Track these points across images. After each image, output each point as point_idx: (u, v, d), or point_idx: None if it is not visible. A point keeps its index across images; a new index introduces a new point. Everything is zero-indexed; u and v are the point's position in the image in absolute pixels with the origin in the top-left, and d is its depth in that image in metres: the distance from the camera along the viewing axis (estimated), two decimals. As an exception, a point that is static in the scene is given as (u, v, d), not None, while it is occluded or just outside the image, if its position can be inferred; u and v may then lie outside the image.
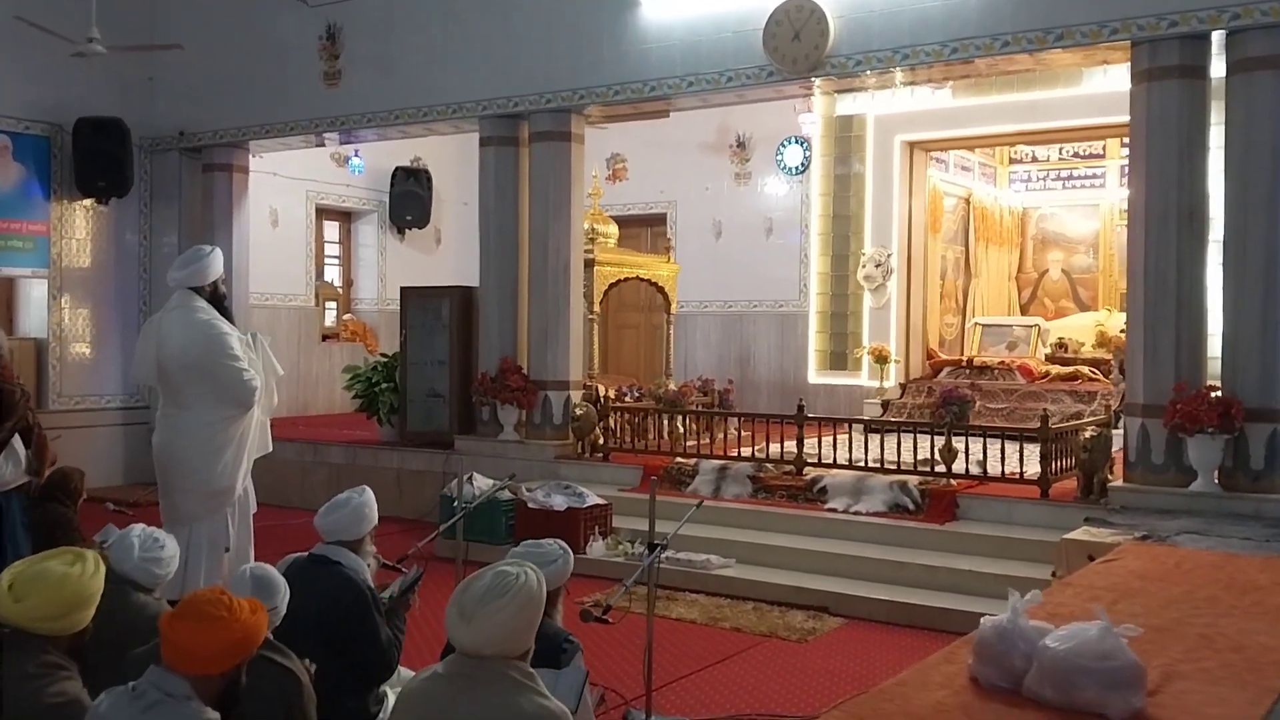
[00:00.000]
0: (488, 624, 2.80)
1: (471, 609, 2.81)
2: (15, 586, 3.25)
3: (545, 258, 9.83)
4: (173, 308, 5.92)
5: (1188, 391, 7.11)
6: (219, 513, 5.87)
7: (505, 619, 2.83)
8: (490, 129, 10.16)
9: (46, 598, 3.25)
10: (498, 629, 2.82)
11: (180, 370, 5.80)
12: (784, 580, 7.38)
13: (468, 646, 2.83)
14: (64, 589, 3.28)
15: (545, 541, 4.26)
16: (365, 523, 4.87)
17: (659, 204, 14.43)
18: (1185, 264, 7.31)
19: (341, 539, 4.81)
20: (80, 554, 3.44)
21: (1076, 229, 15.11)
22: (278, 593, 3.95)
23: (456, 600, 2.86)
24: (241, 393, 5.79)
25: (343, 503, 4.86)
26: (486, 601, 2.82)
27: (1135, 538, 6.25)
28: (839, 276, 13.27)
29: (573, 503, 8.23)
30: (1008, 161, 15.13)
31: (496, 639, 2.83)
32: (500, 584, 2.87)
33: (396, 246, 15.39)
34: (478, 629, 2.80)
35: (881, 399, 12.41)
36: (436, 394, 10.66)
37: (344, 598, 4.61)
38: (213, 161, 11.95)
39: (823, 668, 6.00)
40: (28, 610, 3.23)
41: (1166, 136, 7.32)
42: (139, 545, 4.33)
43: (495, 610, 2.81)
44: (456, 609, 2.84)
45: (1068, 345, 13.44)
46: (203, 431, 5.80)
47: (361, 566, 4.86)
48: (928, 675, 3.65)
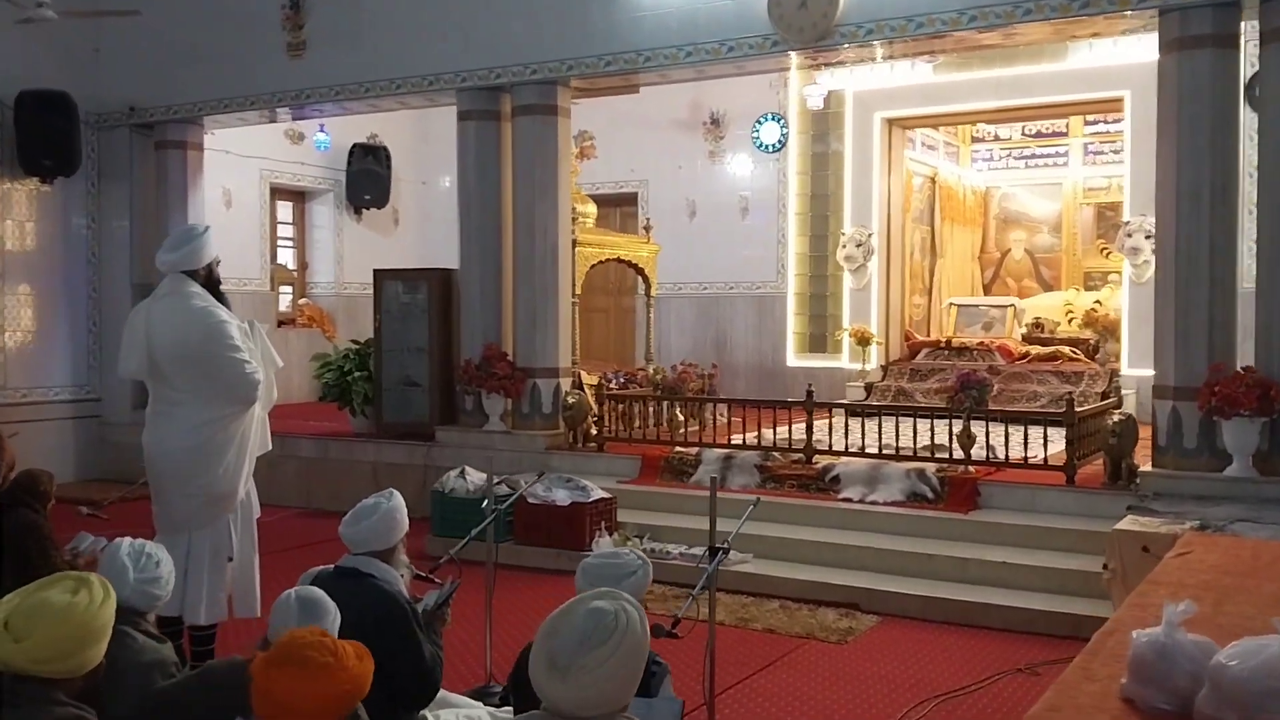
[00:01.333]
0: (588, 678, 2.29)
1: (567, 659, 2.30)
2: (12, 623, 2.75)
3: (532, 239, 9.33)
4: (164, 294, 5.35)
5: (1225, 373, 6.86)
6: (220, 519, 5.33)
7: (609, 672, 2.32)
8: (469, 102, 9.62)
9: (51, 635, 2.76)
10: (602, 684, 2.31)
11: (175, 363, 5.24)
12: (808, 576, 7.01)
13: (564, 707, 2.31)
14: (69, 623, 2.79)
15: (620, 551, 3.82)
16: (397, 529, 4.41)
17: (629, 183, 13.96)
18: (1218, 241, 7.05)
19: (372, 549, 4.36)
20: (83, 579, 2.93)
21: (1039, 208, 14.97)
22: (328, 614, 3.51)
23: (544, 648, 2.34)
24: (244, 388, 5.26)
25: (370, 509, 4.40)
26: (585, 651, 2.30)
27: (1191, 527, 5.97)
28: (817, 257, 12.96)
29: (576, 497, 7.78)
30: (970, 140, 14.92)
31: (600, 697, 2.32)
32: (598, 627, 2.34)
33: (353, 228, 14.76)
34: (576, 685, 2.29)
35: (864, 382, 12.13)
36: (413, 383, 10.13)
37: (381, 614, 4.14)
38: (166, 138, 11.25)
39: (876, 673, 5.63)
40: (30, 651, 2.73)
41: (1198, 109, 7.03)
42: (132, 566, 3.81)
43: (597, 662, 2.30)
44: (545, 659, 2.33)
45: (1044, 325, 13.28)
46: (201, 431, 5.25)
47: (395, 578, 4.40)
48: (1075, 698, 3.28)
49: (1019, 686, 5.44)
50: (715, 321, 13.51)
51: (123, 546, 3.90)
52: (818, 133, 12.86)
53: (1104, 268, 14.22)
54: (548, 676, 2.30)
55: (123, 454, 11.35)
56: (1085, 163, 14.60)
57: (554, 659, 2.30)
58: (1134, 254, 11.27)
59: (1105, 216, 14.50)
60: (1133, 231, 11.27)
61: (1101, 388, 11.21)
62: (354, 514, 4.38)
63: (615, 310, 14.52)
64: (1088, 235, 14.54)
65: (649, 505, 8.35)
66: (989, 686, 5.43)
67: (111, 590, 2.97)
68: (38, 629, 2.75)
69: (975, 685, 5.43)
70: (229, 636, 5.93)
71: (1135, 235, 11.23)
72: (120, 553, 3.85)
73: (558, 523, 7.70)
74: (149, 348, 5.27)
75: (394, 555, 4.42)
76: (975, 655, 5.92)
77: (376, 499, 4.46)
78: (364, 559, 4.33)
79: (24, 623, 2.76)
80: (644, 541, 7.76)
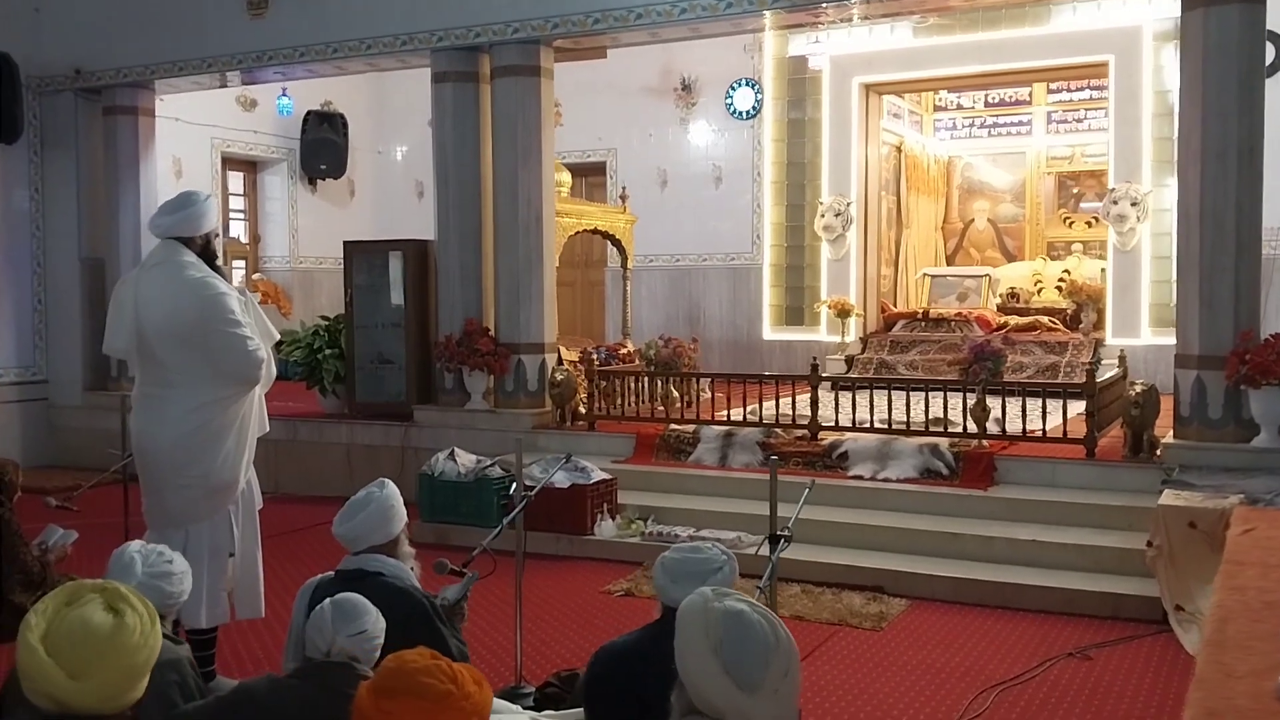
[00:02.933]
0: (789, 699, 2.20)
1: (773, 681, 2.13)
2: (60, 656, 2.19)
3: (514, 208, 8.86)
4: (155, 263, 4.84)
5: (1255, 340, 6.64)
6: (220, 512, 4.86)
7: (798, 684, 2.27)
8: (445, 63, 9.11)
9: (116, 667, 2.23)
10: (794, 701, 2.25)
11: (168, 340, 4.73)
12: (829, 559, 6.67)
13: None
14: (134, 652, 2.26)
15: (701, 546, 3.43)
16: (396, 519, 4.00)
17: (597, 152, 13.51)
18: (1244, 204, 6.81)
19: (372, 544, 3.94)
20: (114, 591, 2.40)
21: (1002, 178, 14.78)
22: (368, 616, 3.12)
23: (737, 672, 2.12)
24: (246, 366, 4.77)
25: (362, 502, 3.97)
26: (789, 670, 2.17)
27: (1238, 501, 5.73)
28: (794, 227, 12.63)
29: (577, 479, 7.37)
30: (933, 109, 14.67)
31: (792, 708, 2.25)
32: (786, 644, 2.18)
33: (308, 199, 14.16)
34: (781, 705, 2.17)
35: (844, 355, 11.85)
36: (387, 360, 9.64)
37: (401, 615, 3.72)
38: (114, 104, 10.57)
39: (922, 661, 5.32)
40: (99, 690, 2.21)
41: (1225, 67, 6.77)
42: (140, 560, 3.43)
43: (795, 680, 2.21)
44: (738, 682, 2.11)
45: (1020, 295, 13.10)
46: (197, 415, 4.75)
47: (405, 571, 3.99)
48: (1229, 699, 2.97)
49: (1074, 672, 5.17)
50: (688, 294, 13.13)
51: (131, 545, 3.52)
52: (794, 99, 12.50)
53: (1067, 237, 14.10)
54: (746, 698, 2.12)
55: (72, 439, 10.75)
56: (1049, 131, 14.41)
57: (744, 682, 2.11)
58: (1119, 221, 11.07)
59: (1065, 186, 14.36)
60: (1118, 199, 11.06)
61: (1087, 358, 11.02)
62: (346, 510, 3.95)
63: (583, 284, 14.08)
64: (1050, 205, 14.39)
65: (648, 485, 7.98)
66: (1044, 674, 5.14)
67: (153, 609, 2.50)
68: (98, 661, 2.21)
69: (1029, 673, 5.14)
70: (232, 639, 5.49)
71: (1121, 202, 11.03)
72: (128, 549, 3.48)
73: (557, 506, 7.28)
74: (138, 322, 4.77)
75: (398, 548, 4.02)
76: (1020, 640, 5.63)
77: (368, 490, 4.04)
78: (366, 557, 3.92)
79: (75, 653, 2.20)
80: (648, 524, 7.40)
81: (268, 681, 3.04)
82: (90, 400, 10.73)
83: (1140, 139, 10.99)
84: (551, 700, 4.58)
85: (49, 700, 2.17)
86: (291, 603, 6.25)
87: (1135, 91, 11.01)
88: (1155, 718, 4.66)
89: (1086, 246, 13.65)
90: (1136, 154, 11.02)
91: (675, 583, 3.26)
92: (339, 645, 2.92)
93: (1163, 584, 5.76)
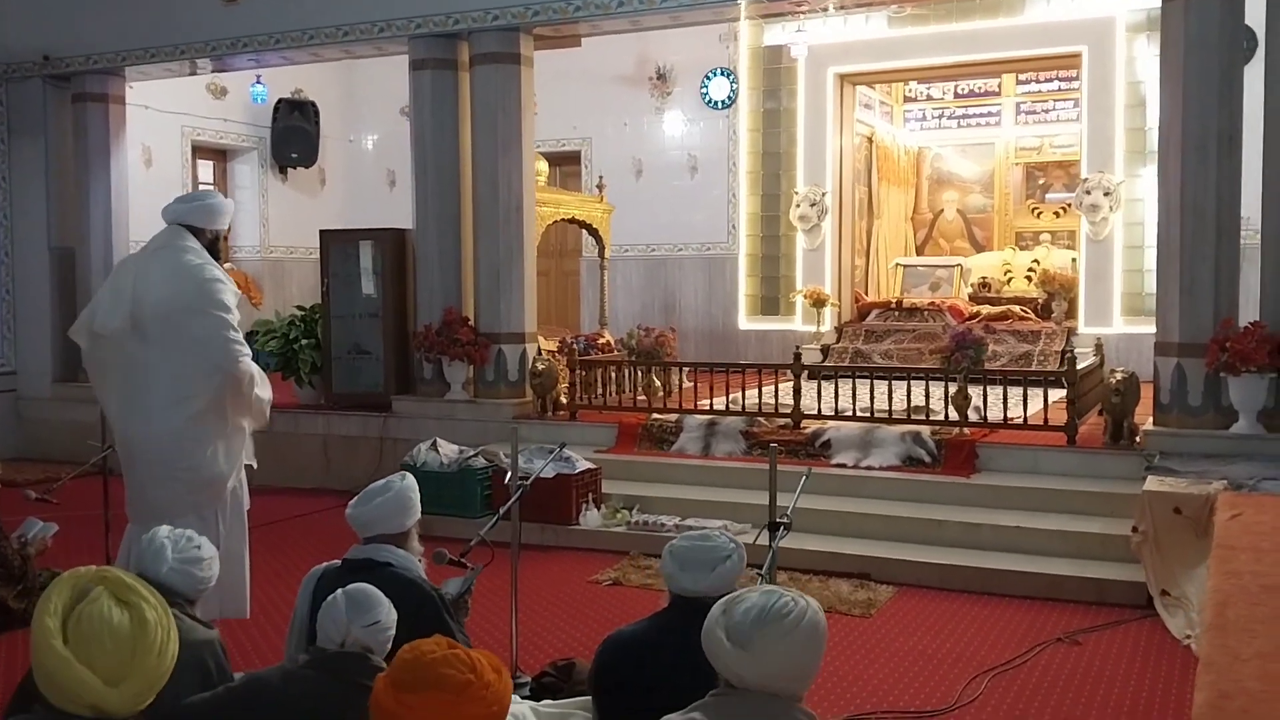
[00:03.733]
0: (772, 652, 2.35)
1: (746, 634, 2.35)
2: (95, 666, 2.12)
3: (495, 196, 8.81)
4: (158, 246, 4.76)
5: (1235, 328, 6.71)
6: (207, 508, 4.78)
7: (793, 647, 2.37)
8: (424, 50, 9.03)
9: (146, 669, 2.17)
10: (787, 657, 2.37)
11: (163, 322, 4.64)
12: (815, 546, 6.67)
13: (750, 678, 2.36)
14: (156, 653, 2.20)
15: (710, 534, 3.41)
16: (412, 511, 4.01)
17: (572, 141, 13.45)
18: (1224, 193, 6.88)
19: (384, 533, 3.92)
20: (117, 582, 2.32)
21: (971, 169, 14.86)
22: (381, 608, 3.10)
23: (719, 626, 2.40)
24: (225, 357, 4.66)
25: (381, 489, 3.96)
26: (764, 624, 2.36)
27: (1222, 487, 5.79)
28: (770, 217, 12.64)
29: (562, 469, 7.34)
30: (903, 100, 14.73)
31: (785, 669, 2.38)
32: (777, 606, 2.39)
33: (278, 188, 13.99)
34: (761, 656, 2.34)
35: (820, 344, 11.88)
36: (364, 350, 9.56)
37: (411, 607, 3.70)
38: (84, 91, 10.40)
39: (913, 647, 5.34)
40: (132, 695, 2.15)
41: (1206, 56, 6.83)
42: (171, 546, 3.41)
43: (779, 634, 2.35)
44: (723, 634, 2.37)
45: (991, 284, 13.18)
46: (184, 407, 4.67)
47: (414, 563, 3.98)
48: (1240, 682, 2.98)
49: (1064, 657, 5.20)
50: (664, 284, 13.12)
51: (160, 531, 3.50)
52: (769, 89, 12.50)
53: (1035, 227, 14.20)
54: (730, 652, 2.35)
55: (41, 431, 10.60)
56: (1018, 123, 14.50)
57: (731, 633, 2.35)
58: (1092, 211, 11.16)
59: (1033, 176, 14.46)
60: (1091, 189, 11.15)
61: (1059, 346, 11.11)
62: (364, 494, 3.97)
63: (557, 273, 14.02)
64: (1018, 195, 14.48)
65: (632, 475, 7.96)
66: (1034, 659, 5.18)
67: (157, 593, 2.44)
68: (129, 666, 2.15)
69: (1019, 658, 5.17)
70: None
71: (1094, 192, 11.11)
72: (159, 534, 3.46)
73: (542, 496, 7.22)
74: (134, 304, 4.69)
75: (409, 540, 4.01)
76: (1008, 625, 5.67)
77: (388, 479, 4.05)
78: (376, 546, 3.90)
79: (108, 660, 2.13)
80: (633, 514, 7.39)
81: (280, 672, 3.01)
82: (59, 392, 10.58)
83: (1113, 129, 11.08)
84: (548, 690, 4.57)
85: (89, 710, 2.10)
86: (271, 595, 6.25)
87: (1108, 82, 11.10)
88: (1146, 701, 4.70)
89: (1055, 237, 13.76)
90: (1109, 144, 11.12)
91: (684, 570, 3.25)
92: (354, 636, 2.89)
93: (1148, 569, 5.81)
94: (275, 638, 5.30)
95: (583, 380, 8.75)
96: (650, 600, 5.42)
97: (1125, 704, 4.66)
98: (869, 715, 4.56)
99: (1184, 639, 5.33)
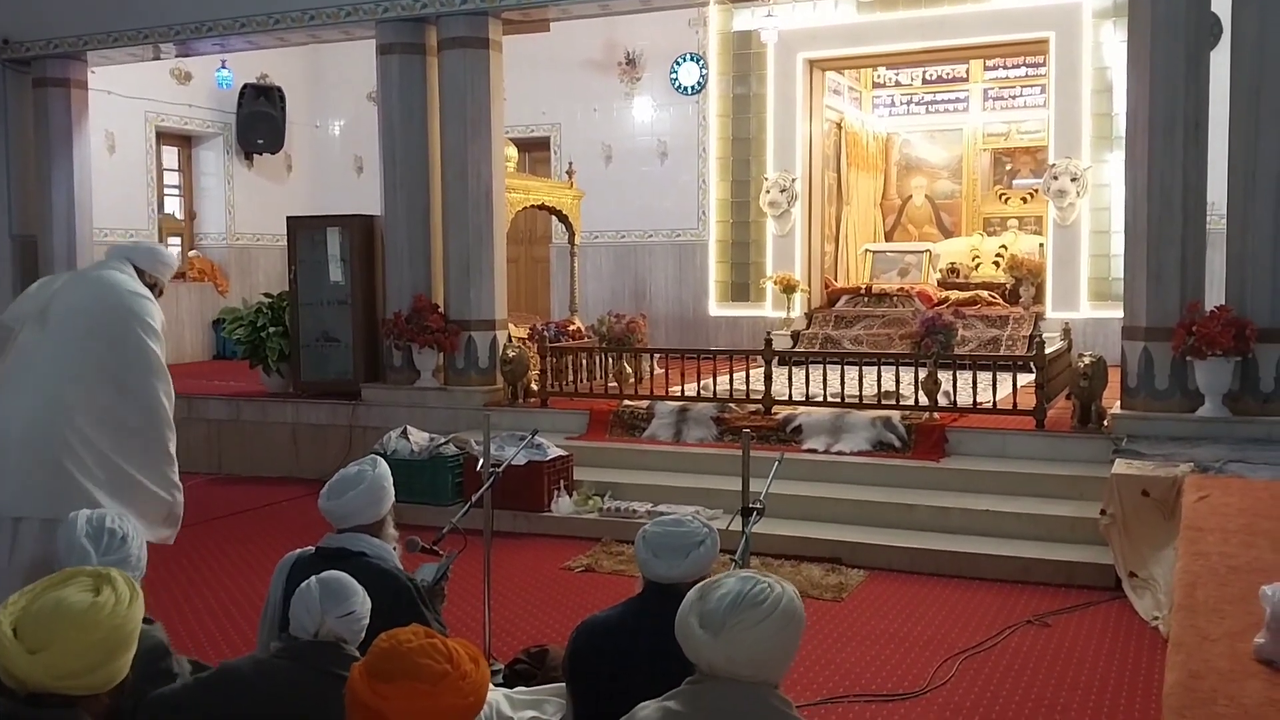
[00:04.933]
0: (744, 637, 2.29)
1: (720, 619, 2.30)
2: (24, 631, 2.20)
3: (464, 182, 8.76)
4: (95, 267, 4.71)
5: (1201, 312, 6.77)
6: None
7: (765, 634, 2.31)
8: (391, 35, 8.95)
9: (74, 643, 2.22)
10: (757, 645, 2.30)
11: (74, 322, 4.41)
12: (786, 531, 6.68)
13: (719, 664, 2.31)
14: (94, 627, 2.26)
15: (684, 519, 3.38)
16: (386, 499, 3.95)
17: (541, 126, 13.38)
18: (1191, 178, 6.92)
19: (358, 523, 3.88)
20: (101, 574, 2.38)
21: (939, 154, 14.91)
22: (355, 596, 3.07)
23: (692, 612, 2.35)
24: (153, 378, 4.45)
25: (354, 478, 3.89)
26: (739, 611, 2.31)
27: (1190, 470, 5.84)
28: (740, 203, 12.64)
29: (533, 456, 7.32)
30: (871, 86, 14.75)
31: (756, 656, 2.31)
32: (752, 592, 2.35)
33: (244, 174, 13.85)
34: (731, 643, 2.29)
35: (790, 330, 11.90)
36: (332, 338, 9.49)
37: (388, 597, 3.67)
38: (45, 75, 10.25)
39: (884, 630, 5.37)
40: (51, 664, 2.19)
41: (1172, 42, 6.86)
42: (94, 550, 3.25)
43: (752, 621, 2.30)
44: (695, 620, 2.33)
45: (959, 270, 13.24)
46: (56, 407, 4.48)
47: (389, 553, 3.94)
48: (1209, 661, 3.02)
49: (1034, 639, 5.24)
50: (634, 271, 13.09)
51: (80, 516, 3.32)
52: (738, 74, 12.48)
53: (1002, 213, 14.27)
54: (699, 636, 2.31)
55: (5, 421, 10.45)
56: (985, 108, 14.55)
57: (704, 619, 2.31)
58: (1059, 196, 11.24)
59: (1001, 162, 14.53)
60: (1058, 174, 11.22)
61: (1028, 331, 11.18)
62: (336, 485, 3.87)
63: (526, 260, 13.97)
64: (985, 181, 14.55)
65: (603, 462, 7.95)
66: (1004, 641, 5.22)
67: (138, 587, 2.44)
68: (57, 636, 2.21)
69: (989, 641, 5.21)
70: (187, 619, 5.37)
71: (1061, 178, 11.18)
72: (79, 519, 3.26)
73: (514, 483, 7.20)
74: (50, 300, 4.55)
75: (383, 528, 3.96)
76: (977, 608, 5.71)
77: (359, 467, 3.97)
78: (350, 536, 3.85)
79: (38, 629, 2.21)
80: (605, 500, 7.39)
81: (252, 662, 2.97)
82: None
83: (1080, 115, 11.15)
84: (521, 677, 4.55)
85: (9, 678, 2.14)
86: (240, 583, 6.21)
87: (1075, 68, 11.16)
88: (1116, 681, 4.74)
89: (1022, 222, 13.84)
90: (1076, 130, 11.18)
91: (657, 556, 3.23)
92: (328, 626, 2.86)
93: (1116, 551, 5.86)
94: (246, 626, 5.27)
95: (554, 367, 8.73)
96: (623, 586, 5.40)
97: (1095, 684, 4.71)
98: (842, 698, 4.58)
99: (1152, 620, 5.38)
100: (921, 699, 4.57)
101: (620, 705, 2.49)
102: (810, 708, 4.42)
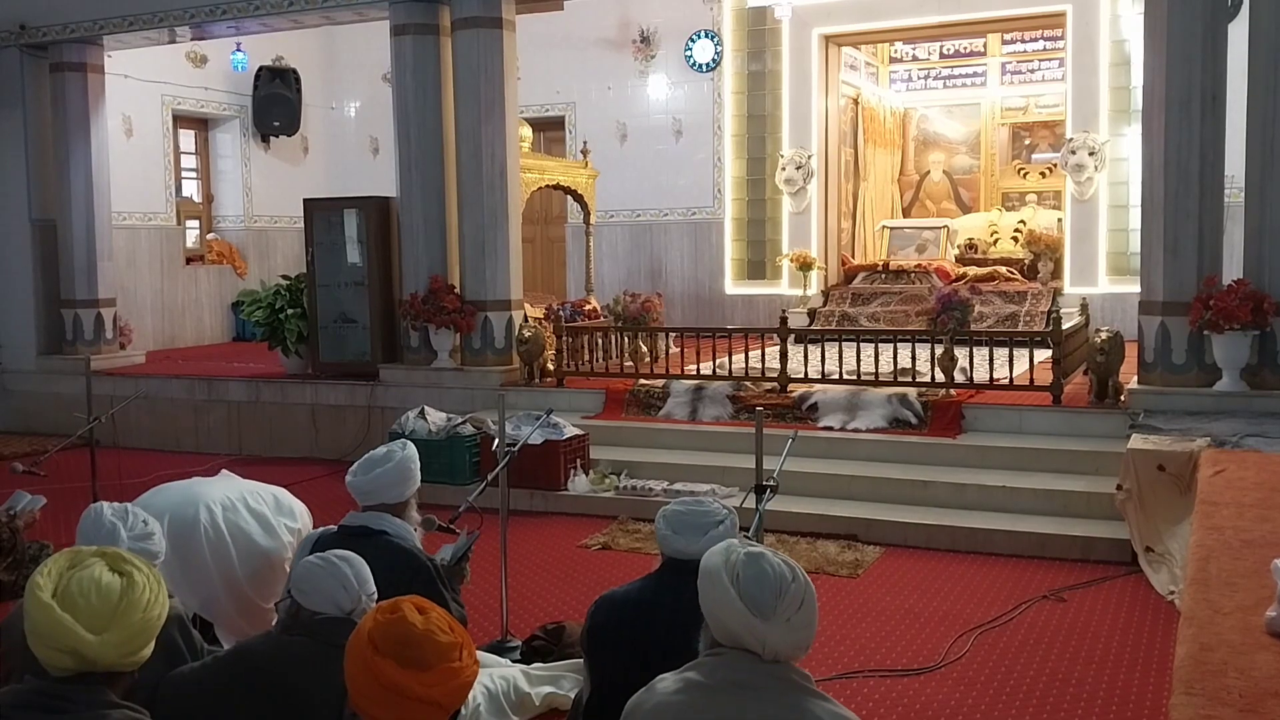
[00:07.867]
0: (803, 630, 2.31)
1: (786, 610, 2.28)
2: (79, 615, 2.22)
3: (478, 163, 8.76)
4: None
5: (1219, 286, 6.74)
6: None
7: (813, 620, 2.35)
8: (404, 15, 8.95)
9: (131, 622, 2.26)
10: (808, 632, 2.34)
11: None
12: (802, 508, 6.71)
13: (782, 650, 2.30)
14: (141, 608, 2.29)
15: (704, 499, 3.45)
16: (412, 481, 4.04)
17: (556, 106, 13.38)
18: (1208, 151, 6.88)
19: (383, 501, 3.96)
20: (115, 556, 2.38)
21: (956, 130, 14.82)
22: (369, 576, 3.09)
23: (752, 600, 2.27)
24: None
25: (383, 457, 3.99)
26: (803, 602, 2.31)
27: (1205, 444, 5.84)
28: (755, 181, 12.61)
29: (550, 435, 7.35)
30: (888, 61, 14.67)
31: (804, 643, 2.34)
32: (802, 582, 2.34)
33: (261, 157, 13.89)
34: (794, 633, 2.29)
35: (807, 308, 11.89)
36: (349, 319, 9.52)
37: (406, 576, 3.74)
38: (62, 60, 10.29)
39: (900, 606, 5.39)
40: (116, 644, 2.24)
41: (1190, 15, 6.81)
42: (122, 525, 3.38)
43: (809, 614, 2.32)
44: (747, 610, 2.26)
45: (977, 246, 13.20)
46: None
47: (410, 533, 4.01)
48: (1221, 634, 3.03)
49: (1050, 614, 5.26)
50: (649, 250, 13.09)
51: (104, 509, 3.45)
52: (753, 51, 12.44)
53: (1021, 188, 14.21)
54: (760, 626, 2.26)
55: (27, 404, 10.57)
56: (1003, 83, 14.45)
57: (763, 608, 2.27)
58: (1077, 171, 11.18)
59: (1019, 137, 14.45)
60: (1076, 148, 11.16)
61: (1045, 306, 11.15)
62: (364, 463, 3.99)
63: (542, 240, 13.98)
64: (1004, 156, 14.46)
65: (619, 440, 7.98)
66: (1020, 616, 5.23)
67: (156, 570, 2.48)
68: (113, 617, 2.24)
69: (1005, 616, 5.23)
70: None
71: (1079, 152, 11.12)
72: (104, 513, 3.41)
73: (531, 462, 7.25)
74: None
75: (406, 510, 4.04)
76: (993, 584, 5.72)
77: (389, 448, 4.07)
78: (374, 515, 3.94)
79: (93, 610, 2.23)
80: (621, 479, 7.42)
81: (268, 640, 3.02)
82: (44, 364, 10.53)
83: (1097, 88, 11.07)
84: (538, 653, 4.61)
85: (70, 656, 2.17)
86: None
87: (1093, 41, 11.08)
88: (1131, 656, 4.75)
89: (1041, 197, 13.77)
90: (1094, 104, 11.11)
91: (677, 534, 3.28)
92: (363, 606, 2.91)
93: (1132, 526, 5.86)
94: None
95: (569, 347, 8.76)
96: (639, 564, 5.46)
97: (1110, 659, 4.72)
98: (857, 673, 4.61)
99: (1168, 595, 5.38)
100: (936, 674, 4.59)
101: (638, 677, 2.52)
102: (826, 683, 4.44)
